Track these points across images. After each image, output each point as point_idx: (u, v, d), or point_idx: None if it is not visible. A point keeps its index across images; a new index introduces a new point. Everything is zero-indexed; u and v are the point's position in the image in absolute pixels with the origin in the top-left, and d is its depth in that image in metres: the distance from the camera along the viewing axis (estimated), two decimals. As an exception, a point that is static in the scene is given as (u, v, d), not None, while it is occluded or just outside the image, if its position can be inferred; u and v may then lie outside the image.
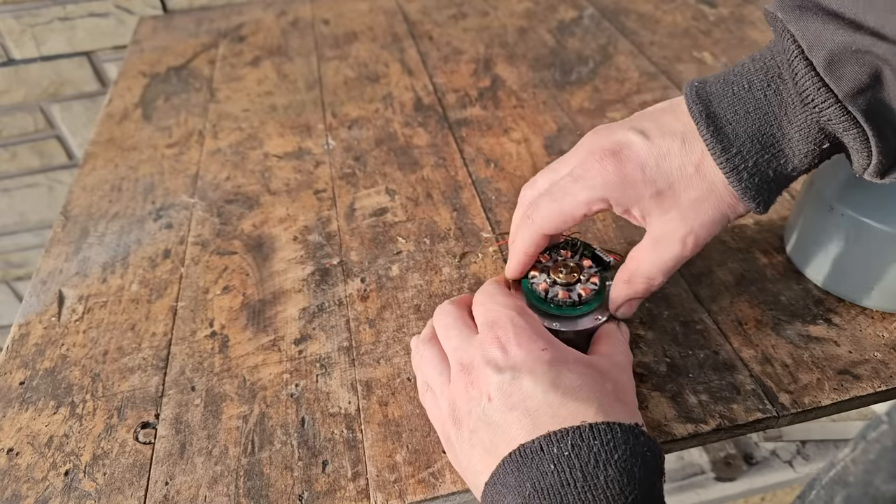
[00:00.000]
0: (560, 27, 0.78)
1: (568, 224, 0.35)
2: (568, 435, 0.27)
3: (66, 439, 0.37)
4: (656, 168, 0.32)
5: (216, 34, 0.84)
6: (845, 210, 0.38)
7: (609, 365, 0.33)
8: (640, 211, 0.33)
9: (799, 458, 0.82)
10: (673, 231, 0.33)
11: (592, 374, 0.31)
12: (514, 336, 0.31)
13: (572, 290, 0.36)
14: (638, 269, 0.35)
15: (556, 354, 0.31)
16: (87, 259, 0.50)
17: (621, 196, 0.33)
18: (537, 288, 0.37)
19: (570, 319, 0.36)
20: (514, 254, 0.37)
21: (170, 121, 0.67)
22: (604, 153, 0.33)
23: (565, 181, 0.34)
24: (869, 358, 0.38)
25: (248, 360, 0.41)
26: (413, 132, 0.61)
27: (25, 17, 0.87)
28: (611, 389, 0.31)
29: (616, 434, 0.28)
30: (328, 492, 0.34)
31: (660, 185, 0.32)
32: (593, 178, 0.33)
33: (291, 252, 0.49)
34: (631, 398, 0.32)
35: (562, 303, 0.36)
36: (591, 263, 0.38)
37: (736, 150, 0.30)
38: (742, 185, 0.31)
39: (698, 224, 0.32)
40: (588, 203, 0.33)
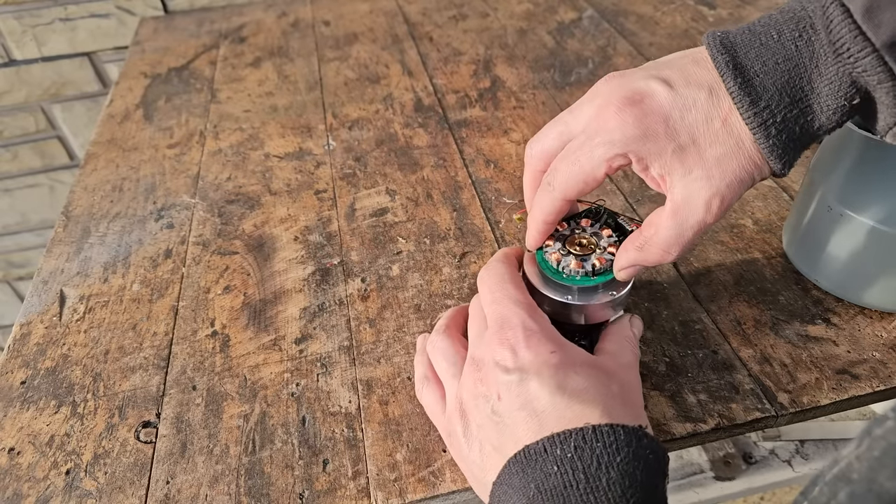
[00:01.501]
0: (559, 28, 0.78)
1: (590, 186, 0.32)
2: (571, 437, 0.27)
3: (68, 438, 0.38)
4: (680, 120, 0.29)
5: (217, 35, 0.84)
6: (844, 210, 0.38)
7: (616, 365, 0.32)
8: (661, 168, 0.30)
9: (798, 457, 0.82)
10: (697, 193, 0.29)
11: (599, 376, 0.31)
12: (524, 339, 0.31)
13: (587, 260, 0.34)
14: (654, 236, 0.32)
15: (564, 357, 0.30)
16: (88, 259, 0.50)
17: (641, 149, 0.30)
18: (549, 258, 0.35)
19: (585, 292, 0.34)
20: (532, 222, 0.35)
21: (171, 121, 0.67)
22: (622, 103, 0.30)
23: (580, 140, 0.31)
24: (867, 358, 0.38)
25: (249, 359, 0.41)
26: (413, 133, 0.62)
27: (27, 18, 0.87)
28: (616, 391, 0.30)
29: (619, 436, 0.27)
30: (329, 490, 0.34)
31: (683, 139, 0.29)
32: (611, 132, 0.30)
33: (292, 252, 0.49)
34: (636, 399, 0.32)
35: (575, 273, 0.34)
36: (611, 233, 0.36)
37: (764, 104, 0.28)
38: (770, 142, 0.28)
39: (725, 184, 0.29)
40: (608, 160, 0.30)
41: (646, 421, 0.31)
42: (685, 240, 0.31)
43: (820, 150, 0.41)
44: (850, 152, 0.38)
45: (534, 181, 0.35)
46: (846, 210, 0.38)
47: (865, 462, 0.19)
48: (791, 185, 0.51)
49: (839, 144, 0.39)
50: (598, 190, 0.52)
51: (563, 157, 0.32)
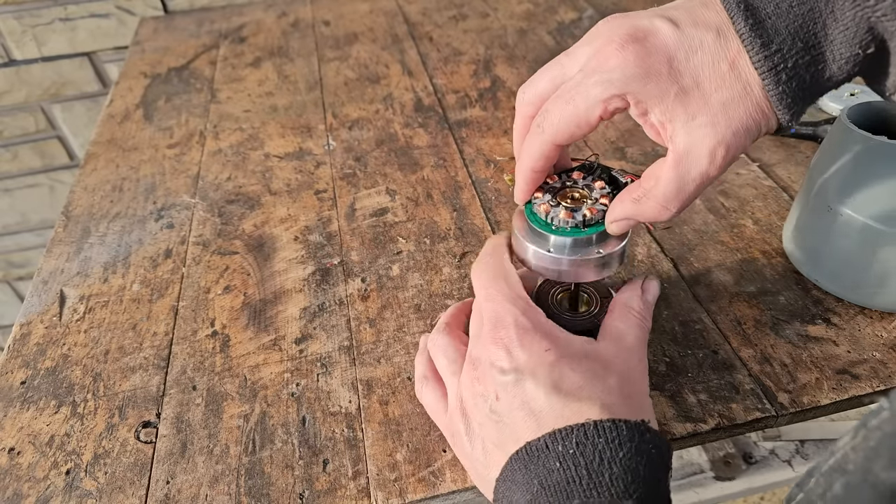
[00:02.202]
0: (560, 28, 0.78)
1: (583, 130, 0.30)
2: (573, 433, 0.27)
3: (68, 438, 0.38)
4: (685, 61, 0.27)
5: (217, 35, 0.84)
6: (844, 210, 0.38)
7: (616, 352, 0.31)
8: (661, 114, 0.28)
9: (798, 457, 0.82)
10: (700, 141, 0.28)
11: (596, 370, 0.30)
12: (518, 338, 0.30)
13: (577, 211, 0.32)
14: (654, 189, 0.30)
15: (560, 353, 0.30)
16: (88, 259, 0.50)
17: (642, 91, 0.28)
18: (538, 210, 0.33)
19: (576, 246, 0.32)
20: (520, 171, 0.33)
21: (171, 121, 0.67)
22: (625, 40, 0.28)
23: (576, 79, 0.29)
24: (868, 358, 0.38)
25: (249, 359, 0.41)
26: (413, 133, 0.62)
27: (26, 18, 0.87)
28: (615, 384, 0.30)
29: (621, 432, 0.27)
30: (329, 490, 0.34)
31: (686, 81, 0.27)
32: (611, 70, 0.28)
33: (292, 252, 0.49)
34: (638, 388, 0.31)
35: (564, 224, 0.32)
36: (603, 185, 0.34)
37: (776, 47, 0.26)
38: (779, 88, 0.27)
39: (731, 132, 0.27)
40: (604, 100, 0.28)
41: (649, 411, 0.31)
42: (686, 194, 0.29)
43: (820, 150, 0.41)
44: (850, 152, 0.38)
45: (524, 129, 0.33)
46: (846, 210, 0.38)
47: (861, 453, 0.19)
48: (791, 185, 0.51)
49: (839, 144, 0.39)
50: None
51: (556, 97, 0.30)
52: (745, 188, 0.51)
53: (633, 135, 0.58)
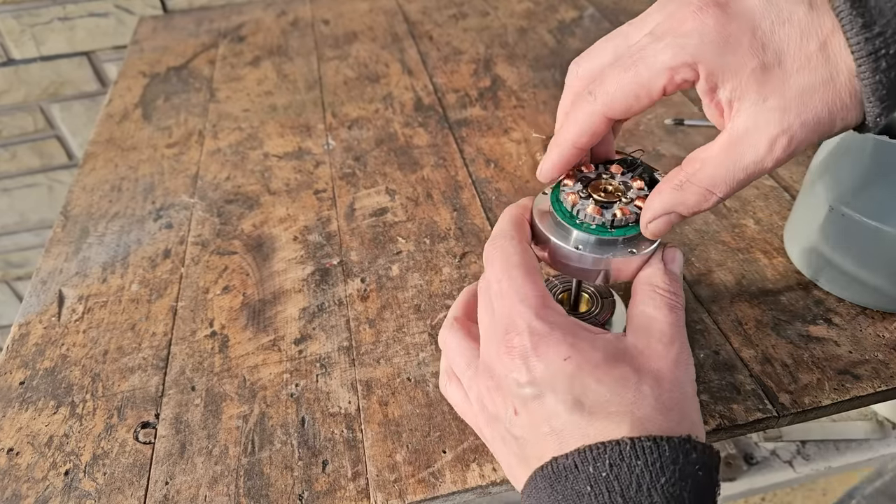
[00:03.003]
0: (560, 27, 0.78)
1: (642, 103, 0.26)
2: (605, 453, 0.24)
3: (66, 439, 0.37)
4: (770, 33, 0.24)
5: (216, 34, 0.84)
6: (845, 210, 0.38)
7: (647, 346, 0.27)
8: (732, 91, 0.25)
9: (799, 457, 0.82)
10: (764, 125, 0.24)
11: (625, 375, 0.26)
12: (532, 346, 0.27)
13: (608, 208, 0.29)
14: (699, 172, 0.26)
15: (581, 362, 0.26)
16: (87, 259, 0.50)
17: (717, 62, 0.24)
18: (565, 198, 0.29)
19: (601, 246, 0.29)
20: (558, 143, 0.29)
21: (170, 121, 0.67)
22: (705, 2, 0.25)
23: (642, 42, 0.26)
24: (869, 358, 0.38)
25: (248, 359, 0.41)
26: (413, 132, 0.61)
27: (25, 17, 0.87)
28: (649, 392, 0.26)
29: (662, 452, 0.24)
30: (328, 491, 0.34)
31: (769, 56, 0.24)
32: (685, 35, 0.25)
33: (291, 252, 0.49)
34: (680, 391, 0.27)
35: (590, 220, 0.28)
36: (643, 185, 0.30)
37: (879, 29, 0.23)
38: (876, 77, 0.23)
39: (800, 122, 0.24)
40: (672, 68, 0.25)
41: (694, 418, 0.26)
42: (735, 181, 0.25)
43: (821, 149, 0.41)
44: (851, 152, 0.37)
45: (570, 108, 0.29)
46: (847, 210, 0.38)
47: None
48: (793, 184, 0.51)
49: (841, 144, 0.38)
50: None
51: (614, 64, 0.26)
52: (745, 188, 0.51)
53: (633, 135, 0.58)
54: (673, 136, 0.57)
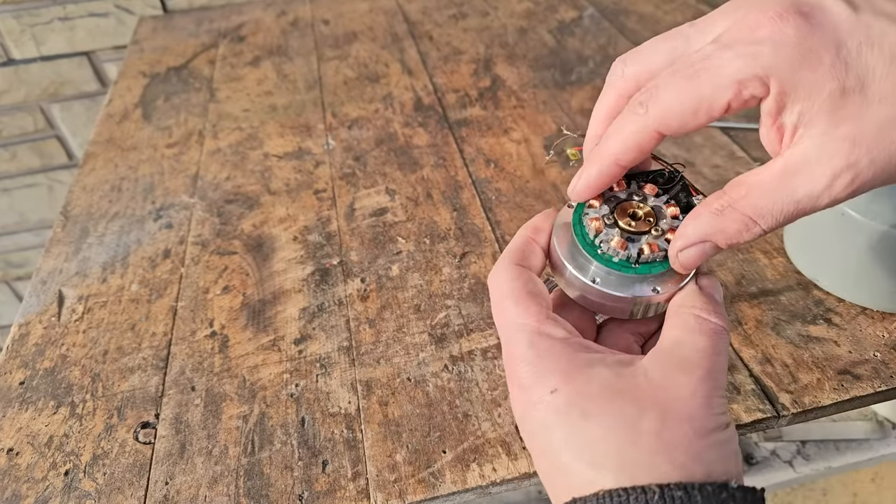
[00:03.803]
0: (560, 27, 0.78)
1: (700, 120, 0.22)
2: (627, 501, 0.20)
3: (66, 439, 0.37)
4: (856, 54, 0.21)
5: (216, 34, 0.84)
6: (845, 210, 0.38)
7: (660, 379, 0.23)
8: (801, 115, 0.21)
9: (799, 458, 0.82)
10: (828, 156, 0.21)
11: (621, 411, 0.22)
12: (524, 375, 0.24)
13: (635, 241, 0.26)
14: (744, 199, 0.22)
15: (570, 393, 0.23)
16: (86, 259, 0.50)
17: (792, 77, 0.21)
18: (588, 223, 0.26)
19: (621, 280, 0.26)
20: (598, 159, 0.25)
21: (170, 121, 0.67)
22: (786, 8, 0.21)
23: (706, 50, 0.22)
24: (869, 358, 0.38)
25: (248, 359, 0.41)
26: (413, 132, 0.61)
27: (25, 17, 0.87)
28: (650, 429, 0.21)
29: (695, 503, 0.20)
30: (328, 492, 0.34)
31: (850, 80, 0.21)
32: (760, 42, 0.21)
33: (291, 252, 0.49)
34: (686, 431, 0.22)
35: (613, 253, 0.25)
36: (678, 213, 0.26)
37: None
38: None
39: (869, 159, 0.21)
40: (740, 81, 0.21)
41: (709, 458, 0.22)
42: (783, 214, 0.22)
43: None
44: (851, 152, 0.37)
45: (614, 110, 0.25)
46: (848, 209, 0.38)
47: None
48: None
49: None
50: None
51: (673, 70, 0.23)
52: (745, 188, 0.51)
53: (633, 134, 0.58)
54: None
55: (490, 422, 0.36)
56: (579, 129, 0.60)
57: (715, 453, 0.22)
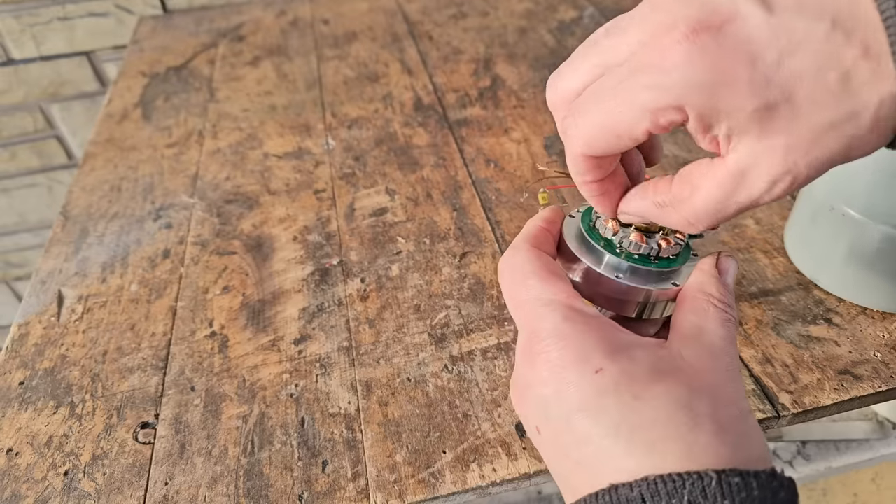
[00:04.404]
0: (560, 27, 0.78)
1: (622, 144, 0.22)
2: (684, 488, 0.19)
3: (66, 439, 0.37)
4: (776, 66, 0.19)
5: (216, 34, 0.84)
6: (846, 210, 0.38)
7: (696, 362, 0.22)
8: (730, 130, 0.20)
9: (799, 458, 0.82)
10: (765, 165, 0.20)
11: (672, 392, 0.21)
12: (559, 356, 0.22)
13: (651, 237, 0.27)
14: (686, 201, 0.23)
15: (618, 374, 0.21)
16: (86, 259, 0.50)
17: (707, 104, 0.20)
18: (604, 225, 0.27)
19: (639, 274, 0.26)
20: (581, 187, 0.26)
21: (169, 121, 0.66)
22: (692, 27, 0.20)
23: (620, 73, 0.21)
24: (869, 358, 0.38)
25: (248, 360, 0.41)
26: (413, 132, 0.61)
27: (25, 17, 0.87)
28: (705, 410, 0.21)
29: (751, 492, 0.19)
30: (328, 492, 0.34)
31: (773, 93, 0.19)
32: (668, 71, 0.20)
33: (291, 252, 0.49)
34: (736, 413, 0.21)
35: (634, 247, 0.26)
36: None
37: None
38: None
39: (806, 163, 0.20)
40: (654, 111, 0.20)
41: (757, 440, 0.21)
42: (722, 215, 0.22)
43: (822, 149, 0.41)
44: (852, 152, 0.37)
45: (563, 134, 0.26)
46: (848, 210, 0.38)
47: None
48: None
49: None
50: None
51: (589, 93, 0.22)
52: (746, 188, 0.51)
53: (633, 134, 0.58)
54: (673, 135, 0.57)
55: (490, 422, 0.36)
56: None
57: (756, 433, 0.21)
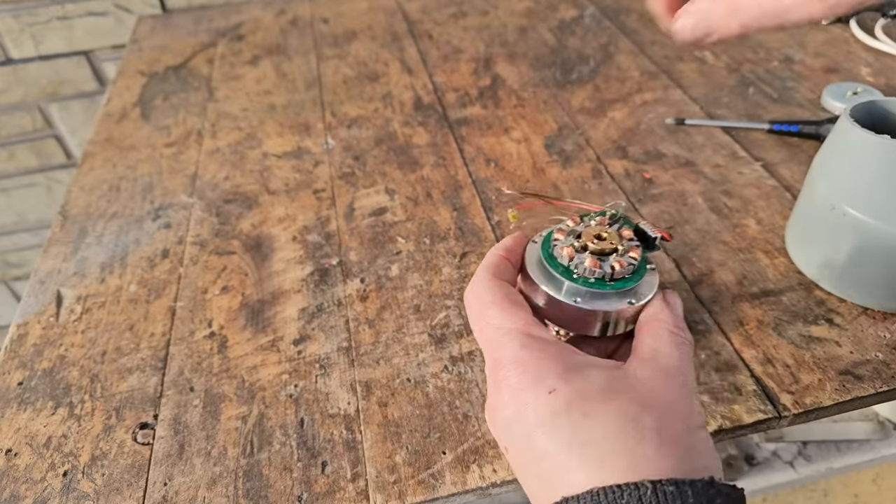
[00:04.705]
0: (561, 26, 0.78)
1: None
2: (622, 497, 0.21)
3: (65, 440, 0.37)
4: None
5: (215, 33, 0.84)
6: (847, 210, 0.38)
7: (652, 377, 0.25)
8: None
9: (800, 458, 0.81)
10: None
11: (622, 410, 0.23)
12: (518, 381, 0.24)
13: (605, 260, 0.29)
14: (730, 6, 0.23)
15: (570, 394, 0.23)
16: (85, 259, 0.50)
17: None
18: (560, 253, 0.29)
19: (597, 297, 0.28)
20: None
21: (168, 120, 0.66)
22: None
23: None
24: (870, 358, 0.37)
25: (247, 360, 0.41)
26: (413, 131, 0.61)
27: (24, 16, 0.86)
28: (652, 425, 0.23)
29: (686, 499, 0.20)
30: (327, 493, 0.34)
31: None
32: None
33: (290, 252, 0.49)
34: (682, 428, 0.23)
35: (588, 273, 0.28)
36: (631, 236, 0.30)
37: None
38: None
39: None
40: None
41: (703, 452, 0.23)
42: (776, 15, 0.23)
43: (822, 149, 0.41)
44: (852, 151, 0.37)
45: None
46: (849, 209, 0.37)
47: None
48: (794, 184, 0.50)
49: (842, 143, 0.38)
50: (600, 190, 0.52)
51: None
52: (747, 188, 0.51)
53: (634, 134, 0.58)
54: (674, 135, 0.57)
55: (490, 423, 0.36)
56: (579, 128, 0.59)
57: (703, 446, 0.23)
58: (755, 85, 0.63)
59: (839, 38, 0.70)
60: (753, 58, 0.68)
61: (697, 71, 0.66)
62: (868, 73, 0.63)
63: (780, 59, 0.67)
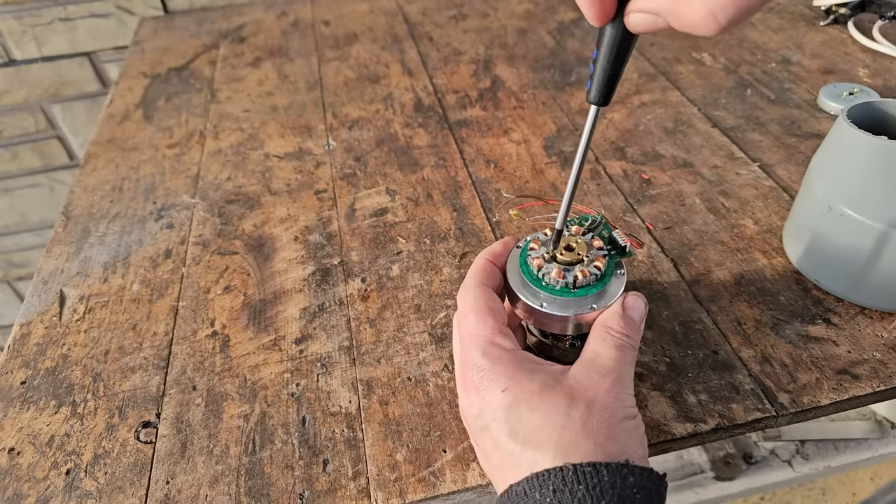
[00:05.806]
0: (560, 28, 0.78)
1: None
2: (549, 479, 0.25)
3: (68, 439, 0.37)
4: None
5: (217, 35, 0.84)
6: (844, 210, 0.38)
7: (586, 377, 0.29)
8: None
9: (798, 457, 0.82)
10: None
11: (557, 404, 0.27)
12: (478, 380, 0.29)
13: (569, 271, 0.33)
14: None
15: (518, 392, 0.28)
16: (88, 259, 0.50)
17: None
18: (531, 262, 0.33)
19: (562, 303, 0.32)
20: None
21: (171, 121, 0.67)
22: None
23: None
24: (868, 358, 0.38)
25: (249, 359, 0.41)
26: (413, 133, 0.62)
27: (27, 18, 0.87)
28: (578, 418, 0.27)
29: (602, 477, 0.25)
30: (329, 491, 0.34)
31: None
32: None
33: (292, 252, 0.49)
34: (613, 416, 0.28)
35: (555, 283, 0.32)
36: (601, 245, 0.34)
37: None
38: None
39: None
40: None
41: (625, 442, 0.27)
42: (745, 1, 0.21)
43: (820, 149, 0.41)
44: (850, 152, 0.38)
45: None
46: (846, 209, 0.38)
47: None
48: (792, 185, 0.51)
49: (839, 144, 0.39)
50: (598, 191, 0.52)
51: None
52: (745, 188, 0.51)
53: (632, 135, 0.58)
54: (672, 136, 0.58)
55: (490, 421, 0.36)
56: (578, 129, 0.60)
57: (626, 435, 0.27)
58: (753, 86, 0.63)
59: (836, 40, 0.70)
60: (751, 59, 0.68)
61: (695, 72, 0.67)
62: (865, 74, 0.64)
63: (778, 60, 0.67)
